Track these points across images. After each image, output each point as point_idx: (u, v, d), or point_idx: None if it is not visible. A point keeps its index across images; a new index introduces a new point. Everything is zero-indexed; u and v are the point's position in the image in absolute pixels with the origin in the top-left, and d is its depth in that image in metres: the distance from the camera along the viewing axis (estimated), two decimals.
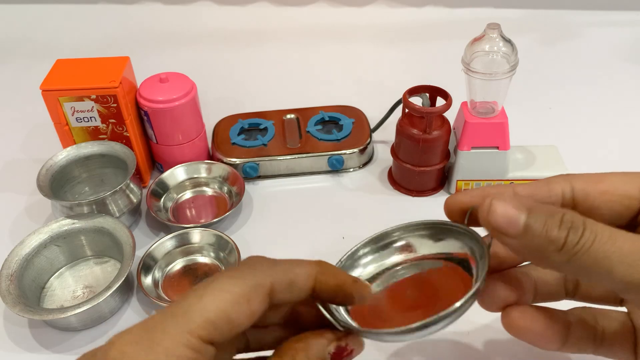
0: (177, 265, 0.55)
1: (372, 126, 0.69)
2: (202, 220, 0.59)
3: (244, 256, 0.54)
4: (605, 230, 0.29)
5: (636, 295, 0.29)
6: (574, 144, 0.68)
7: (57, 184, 0.58)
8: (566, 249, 0.29)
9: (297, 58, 0.91)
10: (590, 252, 0.29)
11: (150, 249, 0.54)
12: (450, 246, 0.36)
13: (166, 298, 0.51)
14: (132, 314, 0.51)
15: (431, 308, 0.32)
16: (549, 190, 0.33)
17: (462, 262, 0.35)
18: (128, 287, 0.53)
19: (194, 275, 0.54)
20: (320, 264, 0.31)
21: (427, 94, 0.60)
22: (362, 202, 0.62)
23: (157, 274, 0.54)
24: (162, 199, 0.62)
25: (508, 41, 0.54)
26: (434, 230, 0.37)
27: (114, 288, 0.48)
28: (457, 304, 0.30)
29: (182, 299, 0.28)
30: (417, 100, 0.60)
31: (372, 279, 0.38)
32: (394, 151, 0.63)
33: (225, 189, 0.63)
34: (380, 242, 0.38)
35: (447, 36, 0.93)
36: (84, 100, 0.57)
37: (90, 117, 0.59)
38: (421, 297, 0.36)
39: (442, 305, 0.30)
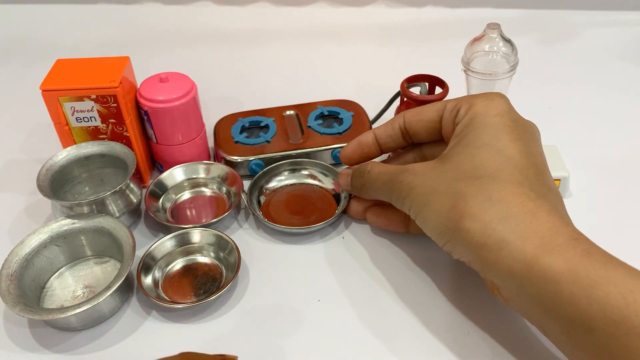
0: (177, 265, 0.55)
1: (370, 119, 0.69)
2: (203, 220, 0.59)
3: (244, 256, 0.54)
4: (375, 171, 0.51)
5: (394, 204, 0.50)
6: (574, 144, 0.68)
7: (57, 184, 0.58)
8: (359, 189, 0.54)
9: (297, 58, 0.91)
10: (368, 187, 0.52)
11: (150, 248, 0.54)
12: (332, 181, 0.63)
13: (166, 298, 0.51)
14: (132, 314, 0.51)
15: (307, 216, 0.59)
16: (392, 127, 0.53)
17: (336, 195, 0.62)
18: (128, 287, 0.53)
19: (194, 275, 0.54)
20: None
21: (426, 83, 0.60)
22: None
23: (157, 273, 0.54)
24: (161, 200, 0.62)
25: (508, 41, 0.54)
26: (326, 168, 0.63)
27: (114, 288, 0.48)
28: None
29: None
30: (415, 90, 0.60)
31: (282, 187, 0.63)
32: None
33: (224, 189, 0.63)
34: (295, 166, 0.64)
35: (447, 36, 0.93)
36: (84, 100, 0.57)
37: (90, 117, 0.59)
38: (304, 208, 0.61)
39: (315, 216, 0.59)
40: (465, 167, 0.43)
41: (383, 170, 0.50)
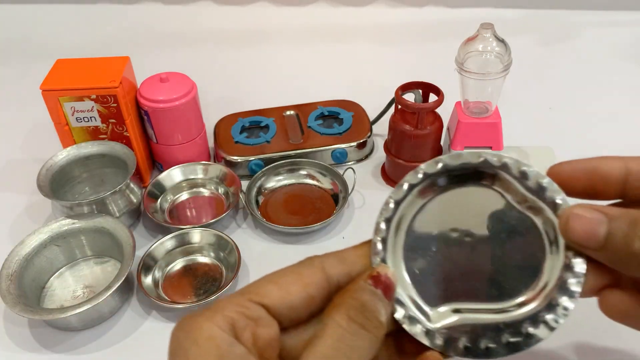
0: (177, 265, 0.55)
1: (371, 119, 0.70)
2: (203, 220, 0.59)
3: (244, 256, 0.54)
4: None
5: None
6: (573, 144, 0.68)
7: (57, 184, 0.58)
8: None
9: (297, 58, 0.91)
10: None
11: (151, 249, 0.54)
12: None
13: (166, 298, 0.51)
14: (132, 314, 0.51)
15: (305, 216, 0.58)
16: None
17: (334, 195, 0.61)
18: (128, 287, 0.53)
19: (194, 275, 0.54)
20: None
21: (420, 90, 0.60)
22: (355, 197, 0.62)
23: (157, 273, 0.54)
24: (159, 200, 0.62)
25: (501, 41, 0.54)
26: (325, 168, 0.64)
27: (114, 288, 0.48)
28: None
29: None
30: (410, 97, 0.60)
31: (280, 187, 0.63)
32: (387, 147, 0.63)
33: (222, 189, 0.63)
34: (293, 166, 0.64)
35: (447, 36, 0.93)
36: (84, 100, 0.57)
37: (90, 117, 0.59)
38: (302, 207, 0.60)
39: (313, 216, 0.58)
40: None
41: None
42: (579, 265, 0.29)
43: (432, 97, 0.60)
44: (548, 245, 0.31)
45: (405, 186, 0.31)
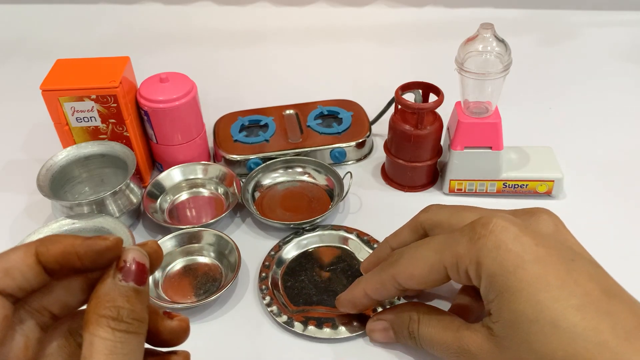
0: (177, 265, 0.55)
1: (370, 119, 0.70)
2: (203, 220, 0.59)
3: (244, 256, 0.54)
4: (425, 332, 0.43)
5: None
6: (573, 144, 0.68)
7: (57, 184, 0.58)
8: (413, 343, 0.44)
9: (297, 58, 0.91)
10: (423, 343, 0.43)
11: None
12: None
13: (166, 298, 0.51)
14: None
15: (301, 213, 0.59)
16: (386, 289, 0.43)
17: (329, 190, 0.62)
18: None
19: (194, 275, 0.54)
20: (43, 239, 0.30)
21: (420, 90, 0.60)
22: (354, 197, 0.62)
23: (157, 274, 0.54)
24: (159, 201, 0.62)
25: (501, 41, 0.54)
26: (320, 166, 0.64)
27: None
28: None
29: None
30: (410, 97, 0.60)
31: (277, 184, 0.64)
32: (387, 147, 0.63)
33: (222, 189, 0.63)
34: (289, 164, 0.64)
35: (447, 36, 0.93)
36: (84, 100, 0.57)
37: (90, 117, 0.59)
38: (298, 204, 0.61)
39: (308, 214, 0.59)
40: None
41: (435, 338, 0.42)
42: None
43: (432, 97, 0.60)
44: None
45: None
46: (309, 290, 0.52)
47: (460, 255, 0.38)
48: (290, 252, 0.55)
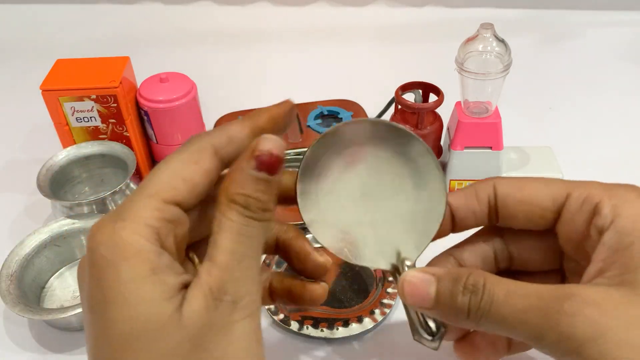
0: None
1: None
2: None
3: None
4: (502, 289, 0.30)
5: (542, 348, 0.30)
6: (573, 144, 0.68)
7: (57, 184, 0.58)
8: (471, 316, 0.31)
9: (297, 57, 0.91)
10: (490, 316, 0.30)
11: None
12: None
13: None
14: None
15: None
16: (477, 199, 0.36)
17: None
18: None
19: None
20: (247, 115, 0.33)
21: (420, 90, 0.60)
22: None
23: None
24: None
25: (501, 41, 0.54)
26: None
27: None
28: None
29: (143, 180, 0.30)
30: (410, 97, 0.60)
31: None
32: None
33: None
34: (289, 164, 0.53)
35: (447, 36, 0.93)
36: (84, 100, 0.57)
37: (90, 117, 0.59)
38: None
39: None
40: None
41: (520, 291, 0.30)
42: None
43: (432, 97, 0.60)
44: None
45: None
46: None
47: (594, 190, 0.34)
48: None
